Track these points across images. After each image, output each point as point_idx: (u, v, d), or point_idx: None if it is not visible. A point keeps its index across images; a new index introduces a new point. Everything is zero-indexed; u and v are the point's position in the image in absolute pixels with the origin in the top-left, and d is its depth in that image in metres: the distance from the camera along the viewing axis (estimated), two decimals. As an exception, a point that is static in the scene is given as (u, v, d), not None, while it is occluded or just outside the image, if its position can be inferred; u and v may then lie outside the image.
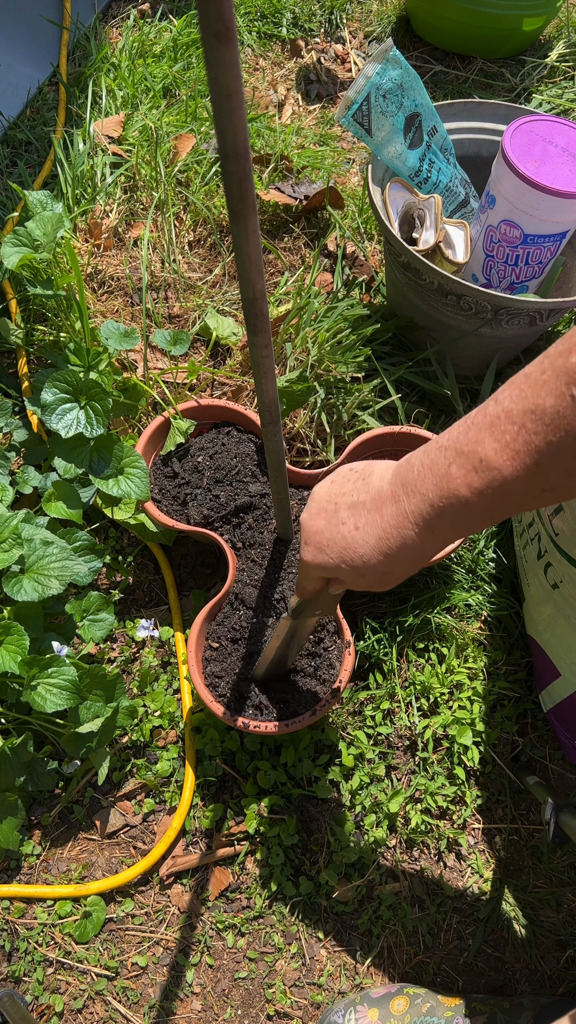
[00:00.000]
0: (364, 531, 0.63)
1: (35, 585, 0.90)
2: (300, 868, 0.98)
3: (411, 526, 0.60)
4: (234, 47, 0.38)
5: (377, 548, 0.62)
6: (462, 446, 0.55)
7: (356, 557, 0.64)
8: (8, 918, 0.95)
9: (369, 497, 0.64)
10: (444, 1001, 0.87)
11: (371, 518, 0.63)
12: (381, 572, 0.64)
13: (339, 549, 0.65)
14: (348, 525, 0.64)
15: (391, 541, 0.61)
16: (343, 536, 0.64)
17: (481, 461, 0.54)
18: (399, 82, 1.10)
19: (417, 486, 0.59)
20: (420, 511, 0.59)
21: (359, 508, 0.64)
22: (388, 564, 0.63)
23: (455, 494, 0.56)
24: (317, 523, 0.67)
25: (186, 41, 1.72)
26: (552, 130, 1.09)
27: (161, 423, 1.10)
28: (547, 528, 0.90)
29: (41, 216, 1.08)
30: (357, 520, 0.64)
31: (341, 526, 0.65)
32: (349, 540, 0.64)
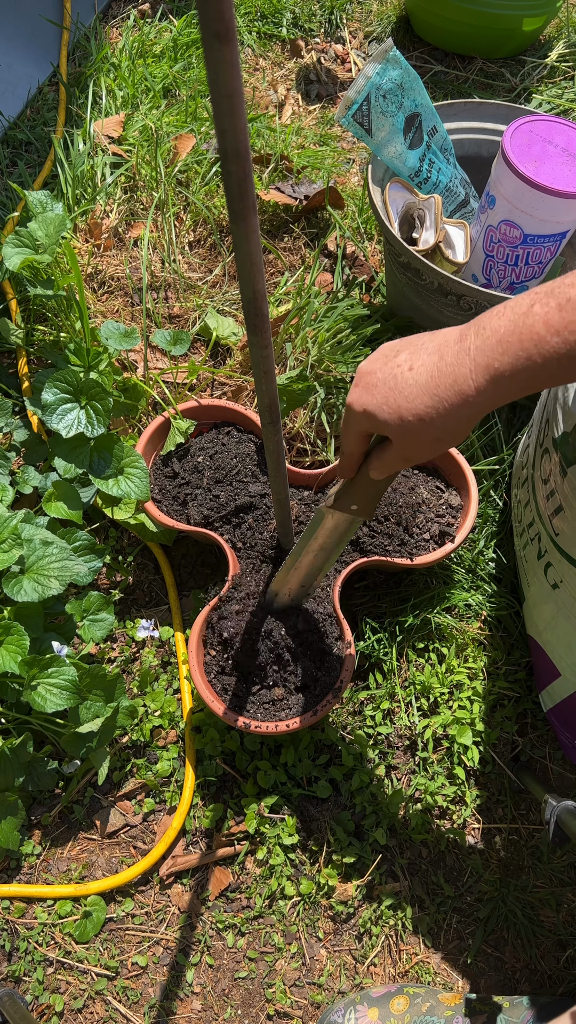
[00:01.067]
0: (417, 371, 0.59)
1: (35, 585, 0.90)
2: (300, 868, 0.98)
3: (469, 363, 0.56)
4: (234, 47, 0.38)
5: (426, 388, 0.58)
6: (553, 288, 0.53)
7: (401, 398, 0.59)
8: (8, 918, 0.95)
9: (435, 342, 0.59)
10: (444, 1000, 0.87)
11: (429, 359, 0.58)
12: (421, 419, 0.59)
13: (386, 389, 0.60)
14: (403, 366, 0.60)
15: (443, 379, 0.57)
16: (394, 376, 0.60)
17: (569, 300, 0.51)
18: (399, 82, 1.10)
19: (490, 323, 0.55)
20: (485, 347, 0.55)
21: (420, 351, 0.60)
22: (433, 409, 0.58)
23: (531, 330, 0.53)
24: (372, 365, 0.63)
25: (186, 41, 1.73)
26: (552, 130, 1.09)
27: (161, 423, 1.10)
28: (547, 528, 0.90)
29: (43, 217, 1.08)
30: (414, 361, 0.59)
31: (396, 367, 0.60)
32: (399, 380, 0.60)
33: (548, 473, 0.89)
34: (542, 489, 0.91)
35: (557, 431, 0.85)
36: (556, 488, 0.86)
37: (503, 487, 1.20)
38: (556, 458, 0.85)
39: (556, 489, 0.86)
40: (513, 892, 0.98)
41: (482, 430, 1.22)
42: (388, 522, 1.05)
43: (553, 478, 0.87)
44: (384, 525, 1.05)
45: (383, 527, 1.05)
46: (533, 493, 0.95)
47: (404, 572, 1.12)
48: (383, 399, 0.61)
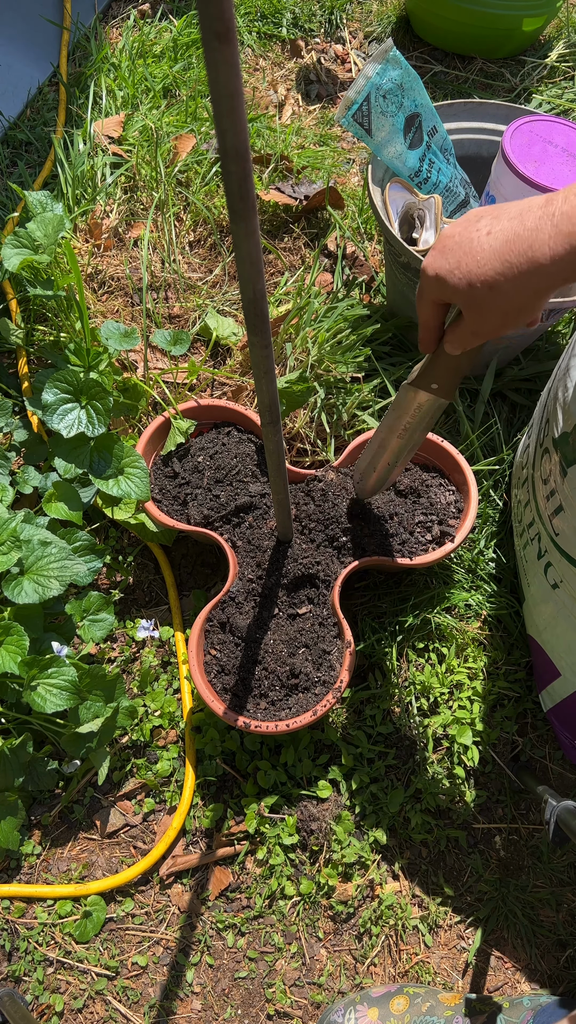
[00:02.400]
0: (495, 235, 0.56)
1: (35, 586, 0.90)
2: (300, 868, 0.98)
3: (550, 228, 0.53)
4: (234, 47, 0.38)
5: (499, 253, 0.55)
6: None
7: (472, 262, 0.57)
8: (8, 918, 0.95)
9: (519, 207, 0.57)
10: (444, 1000, 0.87)
11: (509, 224, 0.56)
12: (490, 285, 0.56)
13: (460, 253, 0.58)
14: (482, 231, 0.57)
15: (519, 245, 0.54)
16: (470, 239, 0.58)
17: None
18: (399, 82, 1.10)
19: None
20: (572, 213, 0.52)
21: (502, 216, 0.57)
22: (503, 274, 0.55)
23: None
24: (454, 229, 0.61)
25: (186, 41, 1.73)
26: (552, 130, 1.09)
27: (161, 423, 1.10)
28: (547, 528, 0.90)
29: (42, 217, 1.08)
30: (493, 226, 0.57)
31: (475, 231, 0.58)
32: (474, 243, 0.57)
33: (548, 473, 0.89)
34: (542, 489, 0.91)
35: (557, 431, 0.85)
36: (556, 488, 0.86)
37: (503, 487, 1.20)
38: (556, 458, 0.85)
39: (556, 489, 0.86)
40: (513, 892, 0.98)
41: (481, 430, 1.22)
42: (388, 522, 1.05)
43: (553, 478, 0.87)
44: (384, 525, 1.05)
45: (383, 527, 1.05)
46: (533, 493, 0.95)
47: (404, 572, 1.12)
48: (455, 263, 0.59)
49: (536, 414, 1.02)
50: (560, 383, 0.88)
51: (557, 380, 0.90)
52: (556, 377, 0.92)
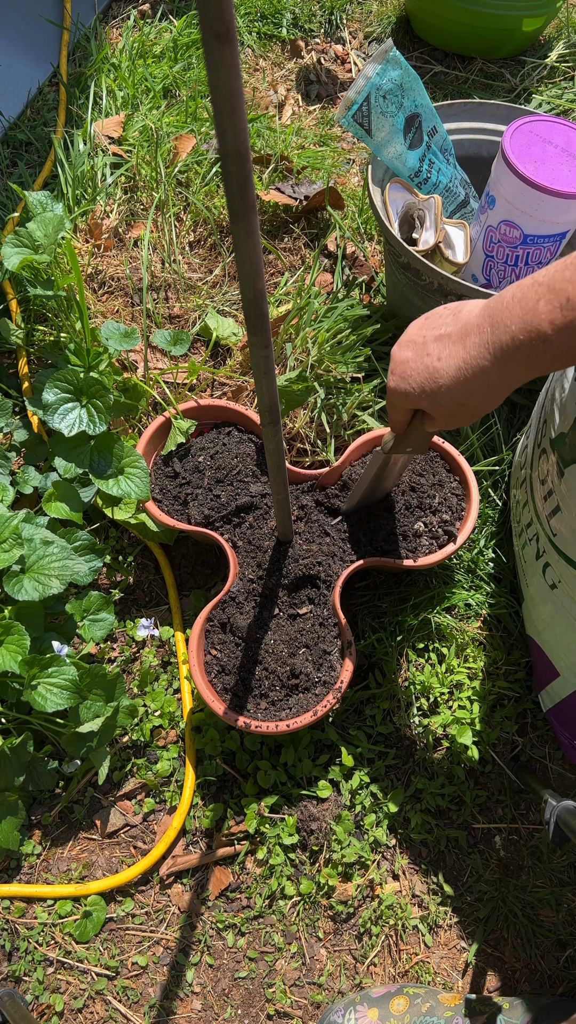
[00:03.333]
0: (446, 361, 0.66)
1: (35, 584, 0.90)
2: (300, 868, 0.98)
3: (489, 356, 0.62)
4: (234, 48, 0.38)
5: (456, 377, 0.66)
6: (555, 283, 0.57)
7: (436, 386, 0.67)
8: (8, 918, 0.95)
9: (456, 329, 0.66)
10: (444, 1001, 0.87)
11: (454, 349, 0.66)
12: (457, 402, 0.67)
13: (421, 379, 0.68)
14: (432, 356, 0.68)
15: (469, 371, 0.64)
16: (426, 366, 0.68)
17: (568, 300, 0.56)
18: (399, 83, 1.10)
19: (503, 318, 0.61)
20: (500, 342, 0.61)
21: (445, 340, 0.67)
22: (464, 394, 0.66)
23: (537, 328, 0.58)
24: (405, 354, 0.71)
25: (186, 41, 1.73)
26: (552, 130, 1.09)
27: (162, 423, 1.10)
28: (545, 529, 0.90)
29: (42, 217, 1.08)
30: (441, 351, 0.67)
31: (426, 357, 0.68)
32: (431, 370, 0.67)
33: (546, 473, 0.89)
34: (540, 489, 0.91)
35: (554, 431, 0.85)
36: (554, 488, 0.86)
37: (503, 487, 1.20)
38: (553, 458, 0.86)
39: (554, 489, 0.86)
40: (513, 892, 0.98)
41: (482, 430, 1.22)
42: (389, 522, 1.05)
43: (551, 478, 0.87)
44: (385, 525, 1.05)
45: (384, 527, 1.05)
46: (531, 493, 0.95)
47: (404, 572, 1.12)
48: (419, 388, 0.69)
49: (534, 415, 1.02)
50: (557, 384, 0.88)
51: (554, 381, 0.91)
52: (553, 378, 0.92)
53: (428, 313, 0.72)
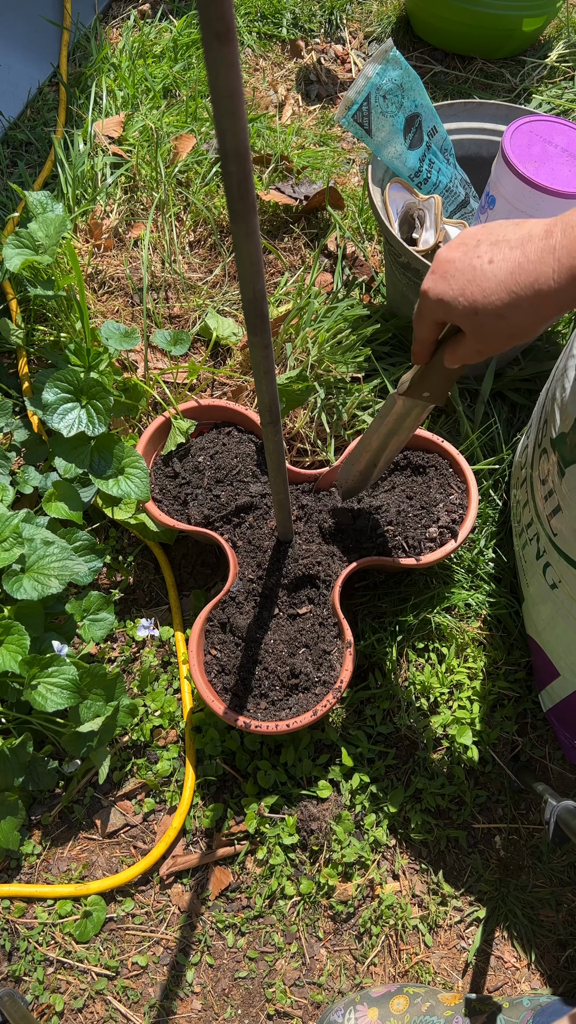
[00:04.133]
0: (497, 264, 0.59)
1: (35, 584, 0.90)
2: (300, 868, 0.98)
3: (553, 262, 0.56)
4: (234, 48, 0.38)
5: (505, 284, 0.58)
6: None
7: (478, 291, 0.59)
8: (8, 918, 0.95)
9: (517, 236, 0.59)
10: (444, 1000, 0.87)
11: (511, 253, 0.58)
12: (498, 314, 0.59)
13: (464, 280, 0.60)
14: (483, 258, 0.60)
15: (523, 277, 0.57)
16: (473, 267, 0.60)
17: None
18: (399, 83, 1.10)
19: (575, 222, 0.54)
20: (572, 247, 0.55)
21: (502, 244, 0.59)
22: (510, 305, 0.58)
23: None
24: (452, 253, 0.62)
25: (186, 41, 1.73)
26: (552, 130, 1.09)
27: (162, 423, 1.10)
28: (545, 528, 0.90)
29: (44, 218, 1.08)
30: (495, 254, 0.59)
31: (476, 258, 0.60)
32: (478, 271, 0.59)
33: (546, 473, 0.89)
34: (540, 489, 0.91)
35: (555, 431, 0.85)
36: (554, 488, 0.86)
37: (503, 487, 1.20)
38: (554, 458, 0.86)
39: (554, 489, 0.86)
40: (513, 892, 0.98)
41: (482, 430, 1.22)
42: (389, 522, 1.05)
43: (551, 478, 0.87)
44: (385, 525, 1.05)
45: (384, 527, 1.05)
46: (531, 493, 0.95)
47: (404, 572, 1.12)
48: (460, 290, 0.60)
49: (534, 414, 1.02)
50: (558, 384, 0.88)
51: (555, 381, 0.91)
52: (554, 378, 0.92)
53: (487, 224, 0.64)
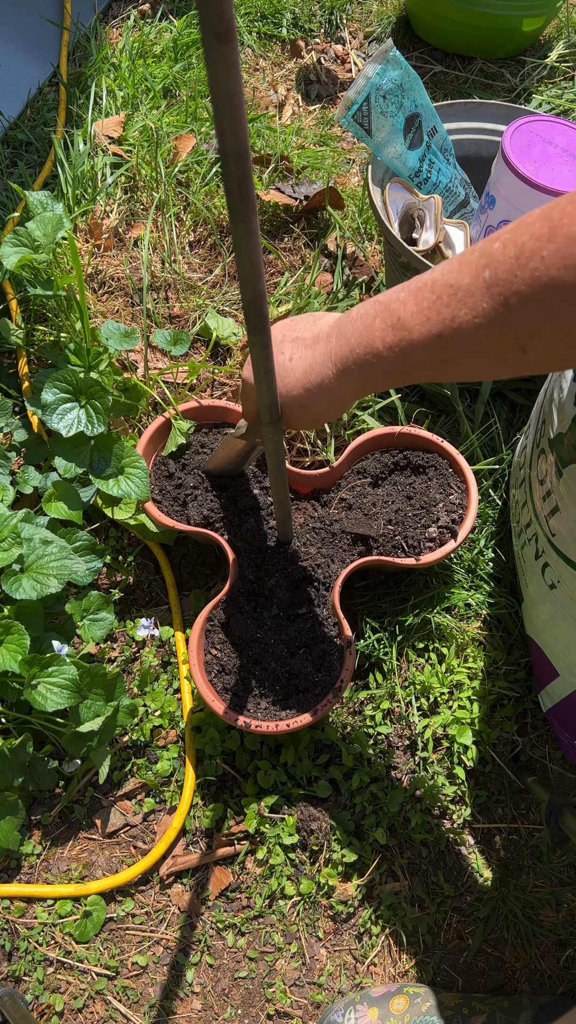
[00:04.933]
0: (295, 363, 0.69)
1: (34, 584, 0.90)
2: (300, 868, 0.98)
3: (331, 365, 0.66)
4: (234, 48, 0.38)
5: (301, 382, 0.69)
6: (390, 303, 0.60)
7: (283, 385, 0.70)
8: (8, 918, 0.95)
9: (311, 335, 0.70)
10: (444, 1000, 0.87)
11: (304, 353, 0.69)
12: (300, 405, 0.70)
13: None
14: (285, 356, 0.70)
15: (313, 376, 0.68)
16: (279, 364, 0.71)
17: (399, 320, 0.59)
18: (399, 83, 1.10)
19: (346, 331, 0.65)
20: (341, 353, 0.65)
21: (299, 343, 0.70)
22: (306, 398, 0.69)
23: (371, 344, 0.61)
24: None
25: (186, 41, 1.73)
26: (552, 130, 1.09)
27: (162, 423, 1.10)
28: (544, 529, 0.90)
29: (41, 217, 1.08)
30: (294, 353, 0.70)
31: (280, 355, 0.71)
32: (281, 368, 0.70)
33: (544, 474, 0.89)
34: (539, 490, 0.91)
35: (552, 432, 0.85)
36: (552, 489, 0.86)
37: (503, 487, 1.20)
38: (552, 459, 0.86)
39: (552, 490, 0.86)
40: (513, 892, 0.98)
41: (481, 429, 1.22)
42: (389, 522, 1.05)
43: (549, 479, 0.87)
44: (384, 525, 1.05)
45: (384, 527, 1.05)
46: (530, 494, 0.95)
47: (404, 572, 1.12)
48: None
49: (533, 415, 1.02)
50: (556, 384, 0.88)
51: (553, 381, 0.91)
52: (552, 378, 0.92)
53: (294, 316, 0.75)
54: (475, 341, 0.54)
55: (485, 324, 0.52)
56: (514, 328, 0.51)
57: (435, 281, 0.56)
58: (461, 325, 0.54)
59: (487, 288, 0.51)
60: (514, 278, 0.49)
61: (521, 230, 0.50)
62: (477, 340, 0.54)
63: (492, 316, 0.51)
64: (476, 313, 0.52)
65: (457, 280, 0.54)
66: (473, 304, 0.52)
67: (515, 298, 0.49)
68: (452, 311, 0.54)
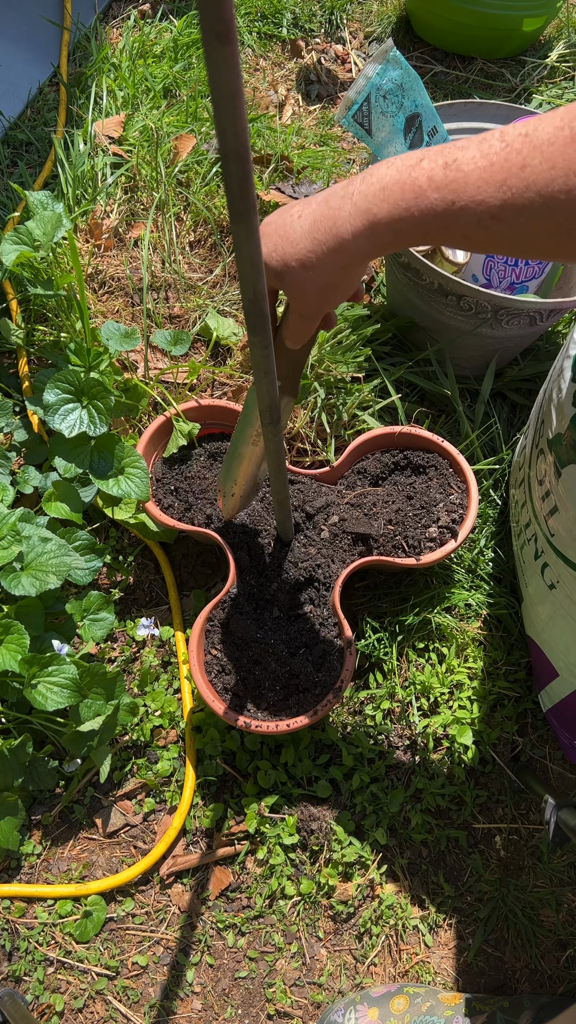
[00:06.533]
0: (304, 217, 0.61)
1: (33, 581, 0.90)
2: (300, 868, 0.98)
3: (350, 207, 0.57)
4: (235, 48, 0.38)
5: (309, 232, 0.60)
6: (444, 148, 0.54)
7: (287, 243, 0.62)
8: (9, 918, 0.95)
9: (325, 192, 0.62)
10: (444, 1000, 0.87)
11: (316, 206, 0.61)
12: (303, 264, 0.61)
13: (277, 237, 0.63)
14: (293, 215, 0.63)
15: (324, 223, 0.59)
16: (284, 224, 0.63)
17: (455, 161, 0.52)
18: (399, 83, 1.10)
19: (378, 171, 0.57)
20: (368, 192, 0.56)
21: (311, 201, 0.62)
22: (314, 252, 0.60)
23: (413, 182, 0.54)
24: (270, 218, 0.65)
25: (186, 41, 1.73)
26: (552, 130, 1.09)
27: (162, 423, 1.10)
28: (543, 529, 0.90)
29: (41, 216, 1.08)
30: (303, 209, 0.62)
31: (287, 216, 0.63)
32: (287, 226, 0.62)
33: (543, 474, 0.89)
34: (538, 490, 0.91)
35: (551, 432, 0.85)
36: (551, 489, 0.86)
37: (503, 487, 1.20)
38: (551, 459, 0.86)
39: (551, 490, 0.86)
40: (513, 892, 0.98)
41: (482, 429, 1.22)
42: (389, 522, 1.05)
43: (548, 479, 0.87)
44: (385, 525, 1.05)
45: (384, 527, 1.05)
46: (529, 494, 0.95)
47: (404, 572, 1.12)
48: (273, 247, 0.62)
49: (532, 415, 1.02)
50: (554, 384, 0.88)
51: (552, 381, 0.91)
52: (551, 378, 0.92)
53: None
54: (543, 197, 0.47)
55: (562, 177, 0.46)
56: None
57: (504, 131, 0.50)
58: (532, 174, 0.47)
59: (571, 141, 0.46)
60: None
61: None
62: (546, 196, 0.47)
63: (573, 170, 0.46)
64: (553, 164, 0.47)
65: (535, 130, 0.48)
66: (551, 154, 0.47)
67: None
68: (523, 158, 0.48)
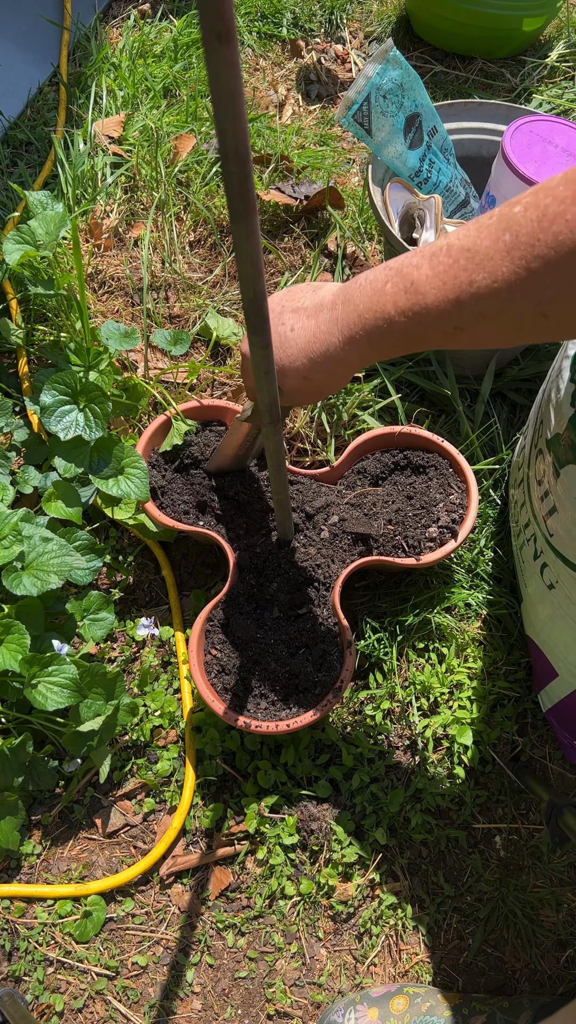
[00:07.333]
0: (297, 333, 0.67)
1: (34, 580, 0.90)
2: (300, 868, 0.98)
3: (337, 333, 0.64)
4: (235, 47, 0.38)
5: (304, 351, 0.67)
6: (403, 267, 0.58)
7: (285, 356, 0.68)
8: (8, 918, 0.95)
9: (312, 304, 0.68)
10: (444, 1000, 0.87)
11: (307, 323, 0.67)
12: (303, 376, 0.68)
13: (274, 346, 0.67)
14: (286, 326, 0.68)
15: (317, 345, 0.66)
16: (279, 335, 0.68)
17: (412, 284, 0.57)
18: (399, 82, 1.10)
19: (354, 297, 0.63)
20: (349, 320, 0.63)
21: (300, 313, 0.68)
22: (310, 368, 0.67)
23: (382, 309, 0.60)
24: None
25: (186, 41, 1.73)
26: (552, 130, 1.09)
27: (162, 423, 1.10)
28: (542, 529, 0.90)
29: (44, 215, 1.08)
30: (295, 323, 0.68)
31: (281, 326, 0.69)
32: (283, 339, 0.68)
33: (542, 474, 0.89)
34: (537, 490, 0.91)
35: (550, 432, 0.85)
36: (550, 489, 0.86)
37: (503, 487, 1.20)
38: (549, 459, 0.86)
39: (550, 490, 0.86)
40: (513, 892, 0.98)
41: (482, 429, 1.22)
42: (389, 522, 1.05)
43: (547, 479, 0.87)
44: (385, 525, 1.05)
45: (384, 527, 1.05)
46: (528, 494, 0.95)
47: (404, 572, 1.12)
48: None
49: (531, 415, 1.02)
50: (553, 384, 0.88)
51: (551, 381, 0.91)
52: (550, 378, 0.92)
53: (290, 287, 0.73)
54: (493, 307, 0.52)
55: (505, 289, 0.51)
56: (536, 293, 0.49)
57: (451, 246, 0.54)
58: (479, 290, 0.52)
59: (507, 252, 0.50)
60: (536, 242, 0.48)
61: (543, 193, 0.48)
62: (496, 305, 0.52)
63: (513, 281, 0.50)
64: (495, 278, 0.51)
65: (475, 244, 0.52)
66: (492, 268, 0.51)
67: (537, 262, 0.48)
68: (470, 275, 0.52)
